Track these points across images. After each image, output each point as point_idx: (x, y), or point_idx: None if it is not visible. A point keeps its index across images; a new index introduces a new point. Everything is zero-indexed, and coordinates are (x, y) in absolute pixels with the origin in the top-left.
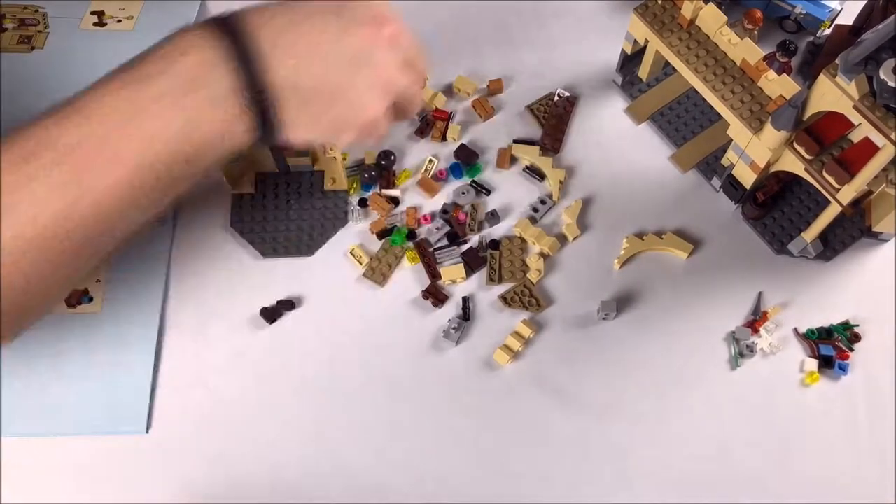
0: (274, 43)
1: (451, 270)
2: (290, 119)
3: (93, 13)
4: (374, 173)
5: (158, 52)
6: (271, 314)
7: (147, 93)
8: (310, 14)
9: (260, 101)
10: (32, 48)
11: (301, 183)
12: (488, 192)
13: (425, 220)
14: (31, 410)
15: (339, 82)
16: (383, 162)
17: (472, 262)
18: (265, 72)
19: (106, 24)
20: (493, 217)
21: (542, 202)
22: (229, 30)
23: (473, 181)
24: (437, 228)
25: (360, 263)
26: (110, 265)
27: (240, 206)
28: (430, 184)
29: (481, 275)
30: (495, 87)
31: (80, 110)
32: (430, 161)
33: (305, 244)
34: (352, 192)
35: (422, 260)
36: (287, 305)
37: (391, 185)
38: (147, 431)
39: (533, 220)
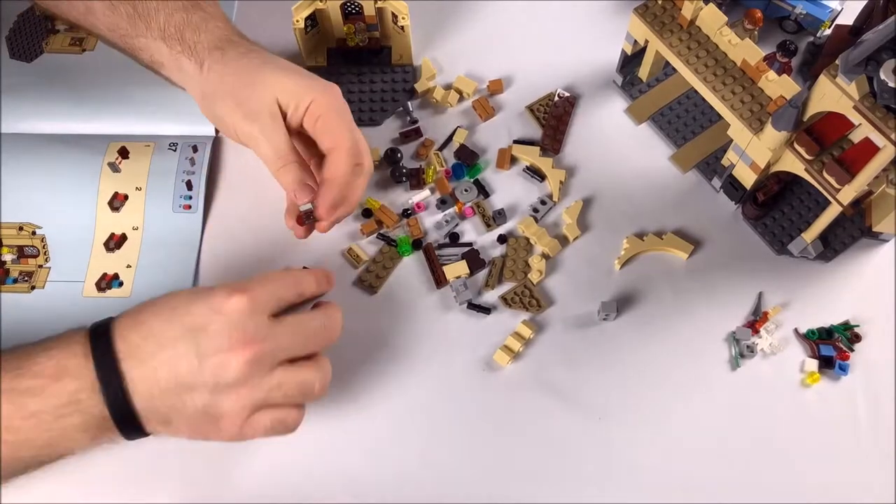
0: (139, 375)
1: (454, 268)
2: (153, 430)
3: None
4: (404, 171)
5: (39, 362)
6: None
7: (21, 411)
8: (171, 341)
9: (126, 424)
10: (83, 50)
11: (369, 58)
12: (487, 194)
13: (419, 207)
14: None
15: (194, 406)
16: (389, 161)
17: (473, 263)
18: (132, 403)
19: None
20: (501, 216)
21: (543, 202)
22: (104, 356)
23: (476, 180)
24: (447, 222)
25: (357, 263)
26: None
27: None
28: (443, 183)
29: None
30: (495, 88)
31: None
32: (436, 155)
33: (373, 115)
34: (430, 180)
35: (429, 266)
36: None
37: (421, 183)
38: None
39: (534, 220)
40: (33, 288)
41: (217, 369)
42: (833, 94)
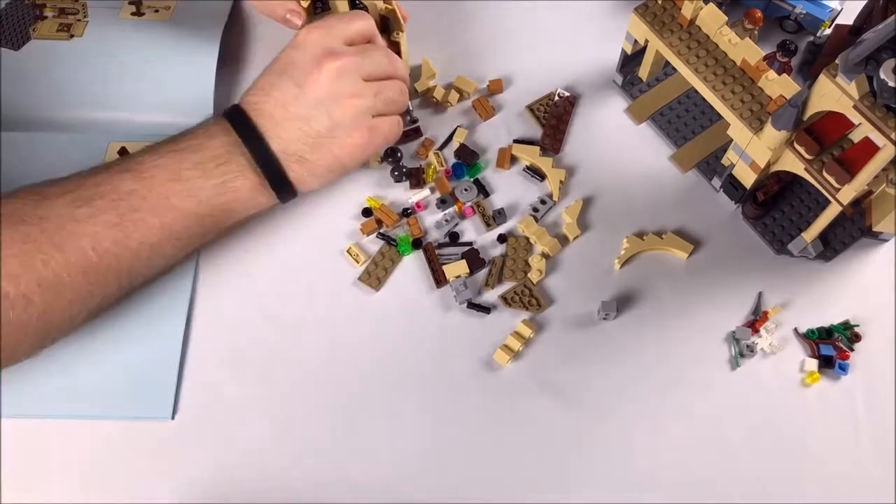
0: (266, 124)
1: (454, 267)
2: (297, 177)
3: (131, 3)
4: (404, 170)
5: (194, 133)
6: None
7: (186, 163)
8: (273, 84)
9: (271, 170)
10: (71, 36)
11: None
12: (487, 194)
13: (419, 206)
14: (52, 391)
15: (315, 132)
16: (389, 159)
17: (473, 263)
18: (269, 147)
19: (143, 14)
20: (501, 215)
21: (543, 202)
22: (239, 120)
23: (476, 180)
24: (447, 221)
25: (357, 263)
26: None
27: None
28: (443, 183)
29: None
30: (495, 87)
31: (133, 169)
32: (436, 155)
33: None
34: (430, 179)
35: (429, 265)
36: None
37: (421, 182)
38: (173, 418)
39: (534, 220)
40: None
41: (315, 87)
42: (833, 94)
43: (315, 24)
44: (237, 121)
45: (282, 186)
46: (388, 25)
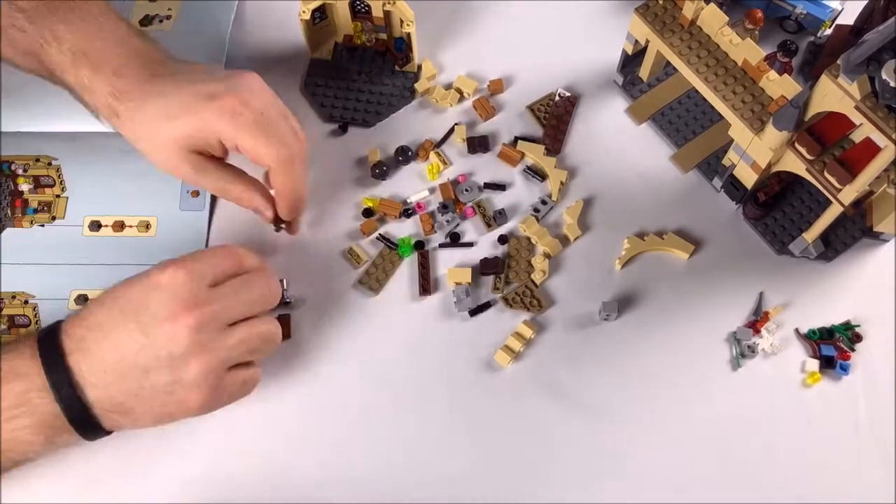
0: (87, 368)
1: (456, 273)
2: (113, 424)
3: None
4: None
5: None
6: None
7: None
8: (115, 325)
9: (82, 422)
10: None
11: (374, 59)
12: (503, 187)
13: (419, 207)
14: None
15: (151, 386)
16: (400, 158)
17: (489, 267)
18: (84, 396)
19: (151, 24)
20: (501, 216)
21: (543, 202)
22: (51, 352)
23: (486, 183)
24: (448, 222)
25: (358, 264)
26: None
27: (314, 72)
28: (446, 188)
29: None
30: (496, 87)
31: None
32: (437, 154)
33: (367, 116)
34: (433, 178)
35: (420, 271)
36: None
37: (426, 154)
38: None
39: (535, 220)
40: None
41: (166, 341)
42: (834, 94)
43: (179, 262)
44: (51, 361)
45: (92, 433)
46: (390, 20)
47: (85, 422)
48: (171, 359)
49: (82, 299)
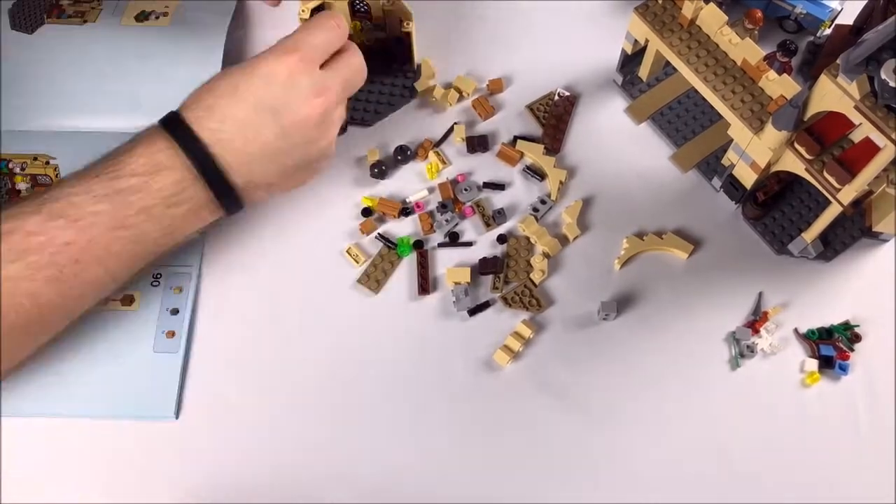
0: (228, 157)
1: (455, 273)
2: (257, 198)
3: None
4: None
5: (131, 163)
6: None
7: (128, 208)
8: (249, 118)
9: (231, 202)
10: (85, 21)
11: (373, 58)
12: (502, 187)
13: (418, 206)
14: (55, 391)
15: (286, 165)
16: (399, 157)
17: (488, 267)
18: (232, 179)
19: (147, 20)
20: (501, 215)
21: (543, 202)
22: (195, 151)
23: (486, 182)
24: (447, 221)
25: (357, 263)
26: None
27: None
28: (445, 187)
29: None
30: (495, 87)
31: (66, 213)
32: (437, 153)
33: (366, 115)
34: (432, 177)
35: (419, 271)
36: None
37: (425, 153)
38: (177, 417)
39: (535, 220)
40: None
41: (300, 128)
42: (834, 94)
43: (287, 47)
44: (193, 151)
45: (237, 208)
46: (389, 19)
47: (232, 201)
48: (304, 140)
49: None
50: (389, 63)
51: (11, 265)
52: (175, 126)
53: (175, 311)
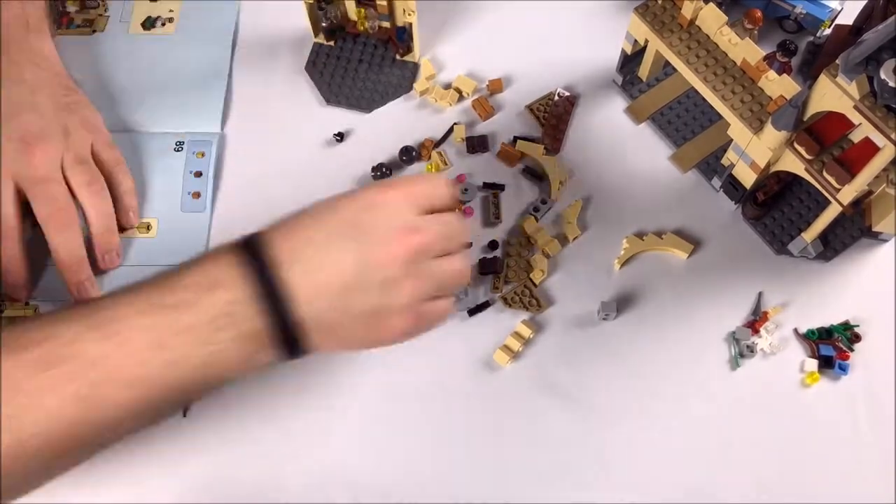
0: (300, 281)
1: None
2: (317, 344)
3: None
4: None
5: (187, 277)
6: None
7: (174, 325)
8: (330, 242)
9: (287, 339)
10: (94, 31)
11: (376, 46)
12: (502, 187)
13: None
14: None
15: (360, 308)
16: (404, 158)
17: (488, 267)
18: (293, 311)
19: (153, 28)
20: (496, 218)
21: (543, 202)
22: (258, 262)
23: (485, 182)
24: None
25: None
26: None
27: (317, 55)
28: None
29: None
30: (495, 87)
31: (104, 325)
32: (438, 154)
33: (367, 100)
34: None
35: None
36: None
37: (428, 153)
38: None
39: (535, 220)
40: None
41: (383, 264)
42: (833, 94)
43: (393, 183)
44: (259, 272)
45: (291, 353)
46: (393, 9)
47: (290, 339)
48: (384, 282)
49: None
50: (391, 53)
51: (43, 374)
52: (247, 242)
53: None
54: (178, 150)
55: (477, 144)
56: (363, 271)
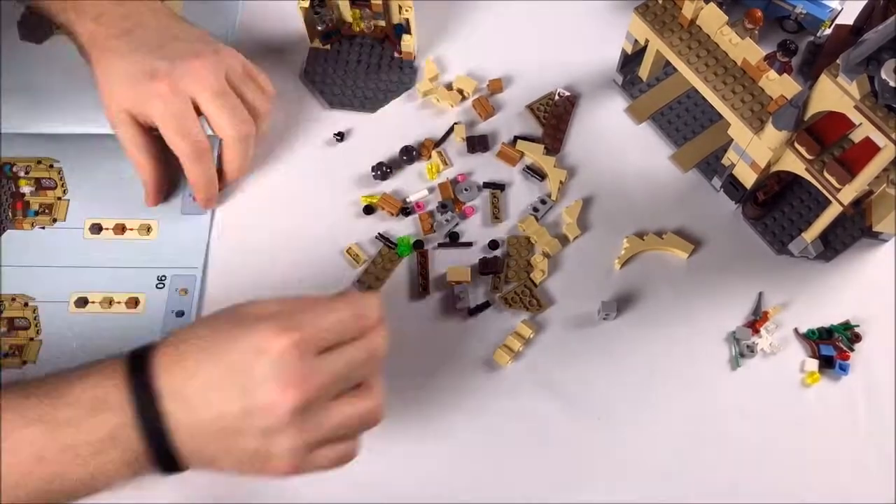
0: (181, 417)
1: (456, 272)
2: (191, 466)
3: None
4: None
5: (77, 389)
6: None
7: (57, 441)
8: (215, 384)
9: (166, 465)
10: None
11: (373, 46)
12: (502, 187)
13: (418, 206)
14: None
15: (241, 449)
16: (405, 157)
17: (488, 267)
18: (172, 441)
19: None
20: (496, 218)
21: (543, 202)
22: (144, 393)
23: (486, 182)
24: (447, 221)
25: (357, 263)
26: None
27: (314, 60)
28: (446, 187)
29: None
30: (495, 87)
31: None
32: (439, 154)
33: (370, 101)
34: (433, 177)
35: (419, 271)
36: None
37: (428, 152)
38: None
39: (535, 220)
40: None
41: (265, 415)
42: (834, 94)
43: (290, 325)
44: (142, 402)
45: (170, 472)
46: (388, 7)
47: (167, 464)
48: (266, 430)
49: (82, 302)
50: (389, 51)
51: None
52: (138, 364)
53: (180, 314)
54: None
55: (477, 144)
56: (244, 418)
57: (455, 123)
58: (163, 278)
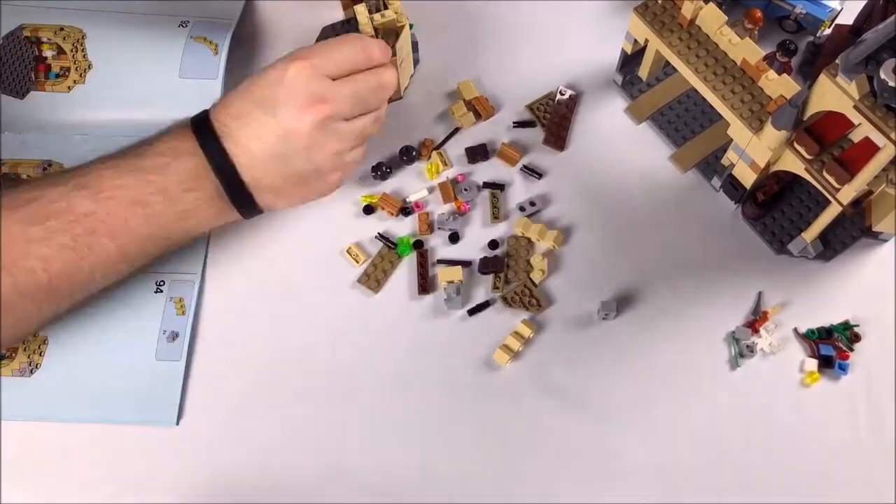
0: (240, 154)
1: (448, 272)
2: (268, 203)
3: None
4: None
5: (159, 147)
6: None
7: (150, 185)
8: (251, 116)
9: (241, 199)
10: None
11: None
12: (502, 187)
13: (417, 206)
14: (56, 395)
15: (294, 171)
16: (404, 157)
17: (490, 266)
18: (241, 175)
19: None
20: (496, 218)
21: (532, 203)
22: (210, 144)
23: (486, 182)
24: (447, 221)
25: (357, 263)
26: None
27: None
28: (447, 189)
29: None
30: (486, 111)
31: (90, 185)
32: (439, 154)
33: None
34: (432, 177)
35: (418, 270)
36: None
37: (428, 151)
38: (177, 423)
39: (528, 220)
40: None
41: (297, 135)
42: (833, 94)
43: (300, 54)
44: (208, 144)
45: (249, 210)
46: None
47: (242, 199)
48: (306, 150)
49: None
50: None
51: (30, 228)
52: (200, 119)
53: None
54: None
55: (477, 153)
56: (283, 141)
57: (457, 128)
58: (161, 283)
